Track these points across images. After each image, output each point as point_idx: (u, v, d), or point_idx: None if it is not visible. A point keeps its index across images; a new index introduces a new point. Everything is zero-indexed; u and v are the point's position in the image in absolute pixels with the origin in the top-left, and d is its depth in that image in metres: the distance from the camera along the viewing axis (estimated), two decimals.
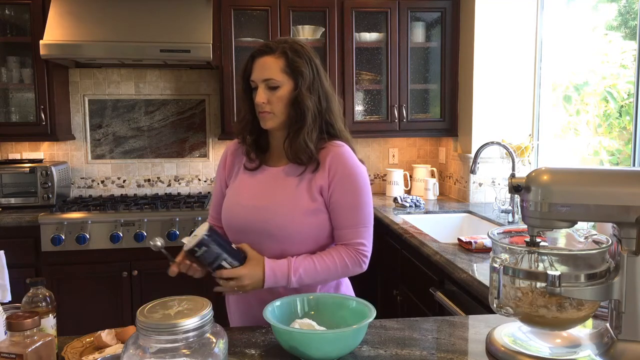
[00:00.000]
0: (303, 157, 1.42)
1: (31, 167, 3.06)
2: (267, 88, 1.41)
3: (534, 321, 1.07)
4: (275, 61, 1.41)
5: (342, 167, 1.42)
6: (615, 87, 2.66)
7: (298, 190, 1.43)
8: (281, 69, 1.40)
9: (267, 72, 1.40)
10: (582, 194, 1.03)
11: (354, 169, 1.44)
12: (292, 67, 1.41)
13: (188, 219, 2.92)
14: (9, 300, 1.18)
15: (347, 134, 1.53)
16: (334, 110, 1.49)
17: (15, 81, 3.15)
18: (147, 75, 3.50)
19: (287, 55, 1.41)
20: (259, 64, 1.42)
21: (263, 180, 1.49)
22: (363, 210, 1.44)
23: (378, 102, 3.45)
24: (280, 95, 1.41)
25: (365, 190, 1.45)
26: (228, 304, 1.58)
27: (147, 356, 0.82)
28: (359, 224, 1.43)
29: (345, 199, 1.42)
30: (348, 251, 1.43)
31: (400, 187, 3.50)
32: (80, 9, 2.97)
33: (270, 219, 1.41)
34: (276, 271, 1.35)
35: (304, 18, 3.29)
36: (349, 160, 1.44)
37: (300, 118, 1.42)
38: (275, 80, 1.40)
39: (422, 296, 2.25)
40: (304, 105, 1.41)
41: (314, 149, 1.42)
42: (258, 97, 1.41)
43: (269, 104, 1.42)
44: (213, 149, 3.59)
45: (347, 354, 1.13)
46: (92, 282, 2.89)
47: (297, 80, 1.41)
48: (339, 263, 1.41)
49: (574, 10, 2.95)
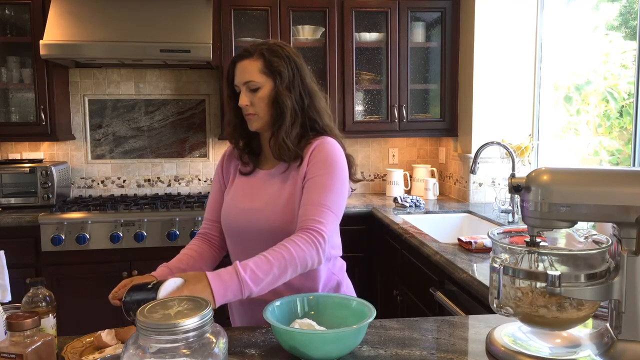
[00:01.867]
0: (285, 155, 1.44)
1: (31, 167, 3.06)
2: (248, 90, 1.44)
3: (534, 321, 1.07)
4: (253, 63, 1.43)
5: (320, 152, 1.42)
6: (616, 87, 2.66)
7: (285, 188, 1.44)
8: (259, 70, 1.43)
9: (247, 75, 1.43)
10: (582, 194, 1.03)
11: (331, 156, 1.42)
12: (270, 67, 1.43)
13: (188, 219, 2.92)
14: (9, 300, 1.18)
15: (336, 131, 1.53)
16: (318, 107, 1.49)
17: (15, 81, 3.15)
18: (147, 75, 3.50)
19: (264, 56, 1.43)
20: (240, 68, 1.45)
21: (256, 183, 1.51)
22: (330, 194, 1.37)
23: (378, 102, 3.45)
24: (261, 95, 1.43)
25: (338, 177, 1.40)
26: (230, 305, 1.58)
27: (147, 356, 0.82)
28: (321, 204, 1.35)
29: (315, 180, 1.38)
30: (301, 232, 1.31)
31: (400, 187, 3.50)
32: (80, 9, 2.97)
33: (264, 220, 1.43)
34: (221, 274, 1.20)
35: (304, 18, 3.29)
36: (328, 147, 1.43)
37: (280, 117, 1.44)
38: (254, 82, 1.43)
39: (422, 296, 2.25)
40: (283, 104, 1.42)
41: (293, 147, 1.43)
42: (241, 100, 1.44)
43: (252, 106, 1.44)
44: (213, 149, 3.59)
45: (347, 354, 1.13)
46: (92, 282, 2.88)
47: (275, 80, 1.43)
48: (290, 245, 1.27)
49: (574, 10, 2.95)
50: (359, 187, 3.67)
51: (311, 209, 1.35)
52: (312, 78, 1.51)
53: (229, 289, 1.18)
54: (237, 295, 1.19)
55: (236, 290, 1.19)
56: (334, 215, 1.36)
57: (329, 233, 1.34)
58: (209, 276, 1.18)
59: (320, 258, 1.31)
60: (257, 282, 1.21)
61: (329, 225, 1.34)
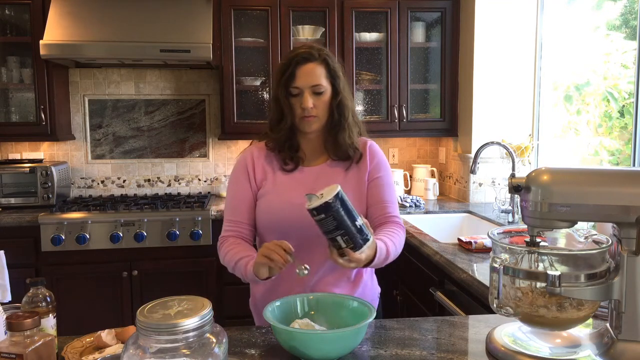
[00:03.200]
0: (350, 152, 1.57)
1: (31, 167, 3.06)
2: (313, 93, 1.50)
3: (534, 321, 1.07)
4: (319, 68, 1.52)
5: (376, 153, 1.62)
6: (617, 87, 2.66)
7: (348, 180, 1.55)
8: (324, 75, 1.52)
9: (315, 79, 1.50)
10: (582, 194, 1.03)
11: (384, 158, 1.64)
12: (333, 73, 1.53)
13: (188, 219, 2.92)
14: (9, 300, 1.18)
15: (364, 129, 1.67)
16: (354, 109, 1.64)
17: (15, 81, 3.15)
18: (147, 75, 3.50)
19: (327, 63, 1.53)
20: (304, 71, 1.50)
21: (307, 179, 1.56)
22: (392, 191, 1.61)
23: (378, 102, 3.45)
24: (325, 99, 1.52)
25: (392, 176, 1.65)
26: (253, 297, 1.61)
27: (147, 356, 0.82)
28: (391, 201, 1.58)
29: (384, 178, 1.59)
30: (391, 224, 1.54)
31: (400, 187, 3.50)
32: (80, 9, 2.97)
33: None
34: (381, 252, 1.40)
35: (304, 18, 3.29)
36: (379, 149, 1.65)
37: (342, 118, 1.55)
38: (321, 86, 1.51)
39: (422, 296, 2.25)
40: (346, 108, 1.55)
41: (356, 143, 1.58)
42: (306, 103, 1.49)
43: (315, 109, 1.51)
44: (213, 149, 3.59)
45: (347, 354, 1.13)
46: (92, 282, 2.89)
47: (337, 85, 1.54)
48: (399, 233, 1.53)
49: (575, 10, 2.95)
50: None
51: (386, 205, 1.57)
52: None
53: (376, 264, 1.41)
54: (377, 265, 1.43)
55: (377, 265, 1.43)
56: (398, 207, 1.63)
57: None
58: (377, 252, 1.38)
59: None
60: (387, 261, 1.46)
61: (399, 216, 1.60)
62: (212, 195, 3.51)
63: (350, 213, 1.25)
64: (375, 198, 1.57)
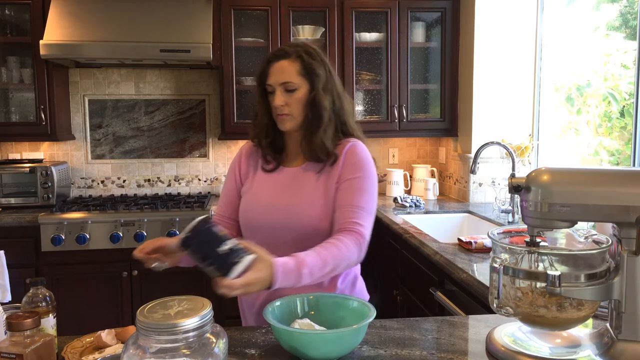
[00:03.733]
0: (321, 155, 1.47)
1: (31, 167, 3.06)
2: (284, 91, 1.46)
3: (534, 321, 1.07)
4: (291, 64, 1.46)
5: (354, 155, 1.48)
6: (617, 87, 2.66)
7: (317, 186, 1.47)
8: (297, 71, 1.46)
9: (285, 76, 1.45)
10: (582, 194, 1.03)
11: (364, 160, 1.48)
12: (308, 70, 1.46)
13: (188, 219, 2.91)
14: (9, 300, 1.18)
15: (360, 132, 1.58)
16: (347, 109, 1.55)
17: (15, 81, 3.15)
18: (147, 75, 3.50)
19: (302, 59, 1.46)
20: (276, 68, 1.47)
21: (282, 180, 1.52)
22: (366, 196, 1.44)
23: (378, 102, 3.45)
24: (298, 97, 1.46)
25: (371, 180, 1.47)
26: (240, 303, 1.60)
27: (147, 356, 0.82)
28: (360, 207, 1.41)
29: (356, 181, 1.44)
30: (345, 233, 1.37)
31: (400, 187, 3.50)
32: (80, 9, 2.97)
33: (293, 216, 1.44)
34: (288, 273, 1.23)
35: (304, 18, 3.29)
36: (362, 152, 1.49)
37: (317, 118, 1.47)
38: (292, 83, 1.45)
39: (422, 296, 2.25)
40: (320, 106, 1.46)
41: (330, 147, 1.47)
42: (276, 100, 1.46)
43: (287, 106, 1.46)
44: (213, 149, 3.59)
45: (347, 354, 1.13)
46: (92, 282, 2.89)
47: (313, 82, 1.46)
48: (342, 244, 1.33)
49: (575, 11, 2.95)
50: None
51: (351, 210, 1.40)
52: (340, 81, 1.56)
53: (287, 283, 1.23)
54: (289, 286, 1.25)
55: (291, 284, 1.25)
56: (370, 217, 1.43)
57: (369, 233, 1.42)
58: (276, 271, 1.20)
59: (360, 257, 1.40)
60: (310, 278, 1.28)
61: (367, 227, 1.41)
62: (212, 195, 3.51)
63: (213, 240, 1.15)
64: (340, 202, 1.43)
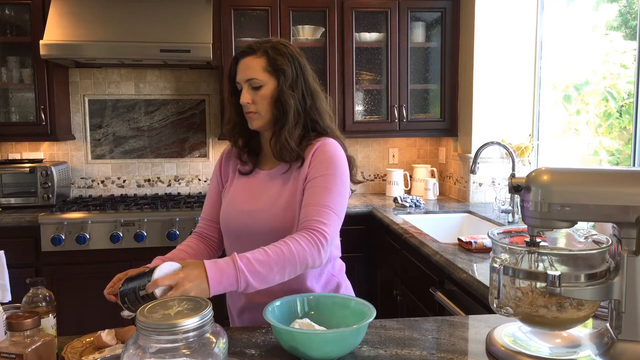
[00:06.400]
0: (286, 155, 1.42)
1: (31, 167, 3.06)
2: (250, 88, 1.41)
3: (534, 321, 1.07)
4: (256, 61, 1.40)
5: (322, 153, 1.40)
6: (616, 87, 2.66)
7: (286, 189, 1.42)
8: (263, 68, 1.40)
9: (250, 72, 1.40)
10: (582, 194, 1.03)
11: (333, 157, 1.40)
12: (274, 66, 1.40)
13: (188, 219, 2.92)
14: (9, 300, 1.18)
15: (337, 132, 1.51)
16: (320, 108, 1.48)
17: (15, 81, 3.15)
18: (147, 75, 3.50)
19: (268, 54, 1.40)
20: (242, 65, 1.42)
21: (255, 184, 1.49)
22: (332, 195, 1.35)
23: (378, 102, 3.45)
24: (264, 94, 1.41)
25: (340, 179, 1.39)
26: (228, 305, 1.58)
27: (147, 356, 0.82)
28: (324, 205, 1.33)
29: (316, 181, 1.37)
30: (303, 231, 1.30)
31: (400, 187, 3.50)
32: (80, 9, 2.97)
33: (264, 221, 1.41)
34: (218, 261, 1.18)
35: (304, 18, 3.29)
36: (332, 149, 1.42)
37: (281, 116, 1.41)
38: (257, 80, 1.40)
39: (422, 296, 2.25)
40: (285, 103, 1.40)
41: (295, 147, 1.41)
42: (242, 98, 1.42)
43: (254, 104, 1.42)
44: (213, 149, 3.59)
45: (347, 354, 1.13)
46: (92, 282, 2.88)
47: (279, 79, 1.40)
48: (291, 242, 1.25)
49: (574, 10, 2.95)
50: (359, 187, 3.66)
51: (313, 209, 1.32)
52: (315, 78, 1.50)
53: (225, 276, 1.16)
54: (232, 284, 1.17)
55: (232, 279, 1.17)
56: (336, 217, 1.35)
57: (332, 234, 1.32)
58: (206, 263, 1.16)
59: (321, 259, 1.29)
60: (254, 273, 1.19)
61: (331, 226, 1.32)
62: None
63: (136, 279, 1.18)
64: (305, 201, 1.36)
